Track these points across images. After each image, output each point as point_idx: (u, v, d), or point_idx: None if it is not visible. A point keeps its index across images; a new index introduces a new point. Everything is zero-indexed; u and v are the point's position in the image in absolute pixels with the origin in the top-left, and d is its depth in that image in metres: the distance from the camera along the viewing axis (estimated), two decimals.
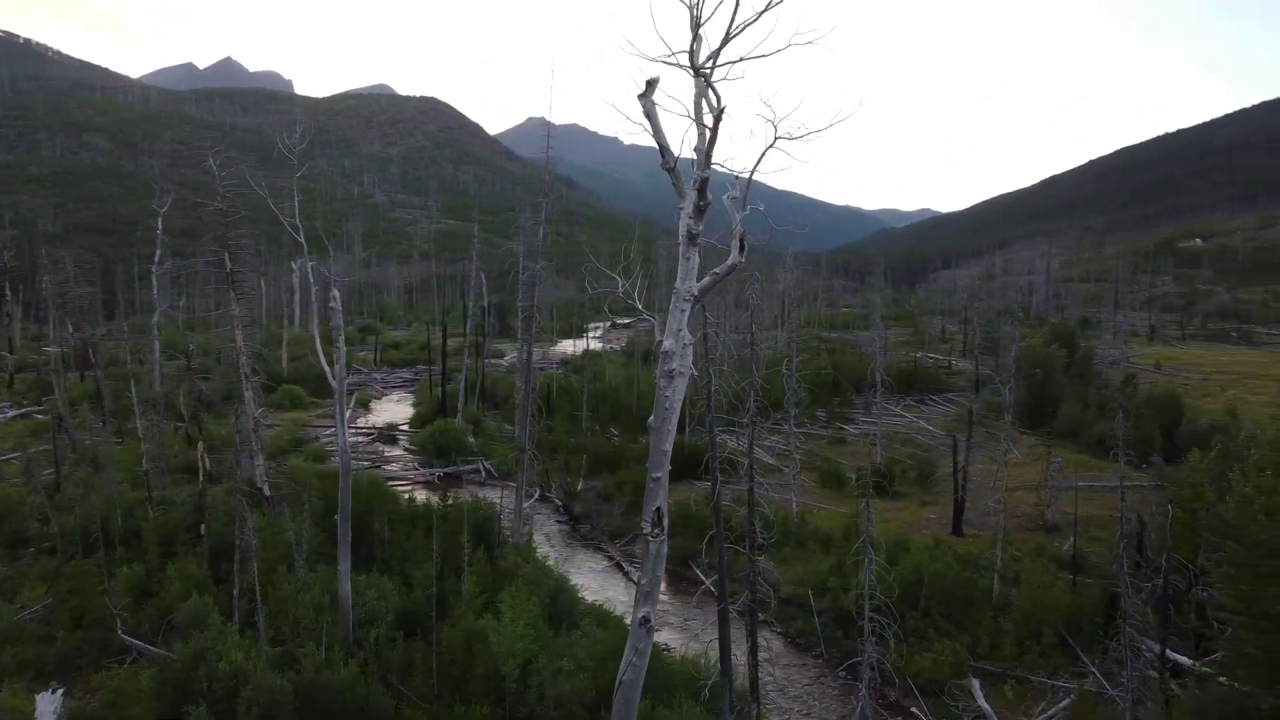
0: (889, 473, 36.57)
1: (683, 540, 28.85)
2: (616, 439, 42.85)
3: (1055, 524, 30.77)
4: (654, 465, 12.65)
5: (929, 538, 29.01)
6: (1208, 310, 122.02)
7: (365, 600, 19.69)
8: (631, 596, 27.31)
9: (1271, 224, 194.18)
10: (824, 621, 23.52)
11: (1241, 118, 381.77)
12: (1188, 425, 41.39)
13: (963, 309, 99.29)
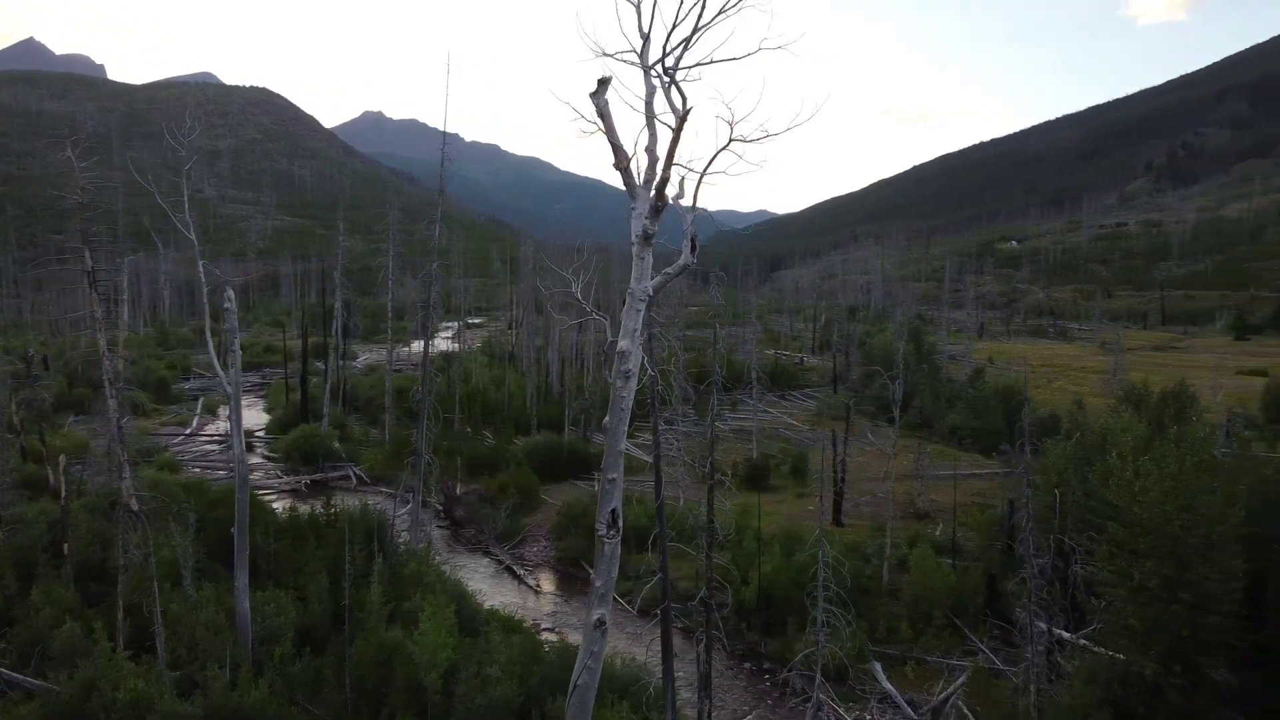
0: (765, 467, 37.52)
1: (576, 540, 28.82)
2: (491, 441, 42.21)
3: (926, 511, 32.37)
4: (609, 465, 12.54)
5: (813, 528, 29.93)
6: (1026, 308, 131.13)
7: (264, 617, 18.69)
8: (525, 600, 27.12)
9: (1076, 228, 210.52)
10: (723, 615, 23.92)
11: (1045, 130, 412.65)
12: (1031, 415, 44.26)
13: (811, 307, 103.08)
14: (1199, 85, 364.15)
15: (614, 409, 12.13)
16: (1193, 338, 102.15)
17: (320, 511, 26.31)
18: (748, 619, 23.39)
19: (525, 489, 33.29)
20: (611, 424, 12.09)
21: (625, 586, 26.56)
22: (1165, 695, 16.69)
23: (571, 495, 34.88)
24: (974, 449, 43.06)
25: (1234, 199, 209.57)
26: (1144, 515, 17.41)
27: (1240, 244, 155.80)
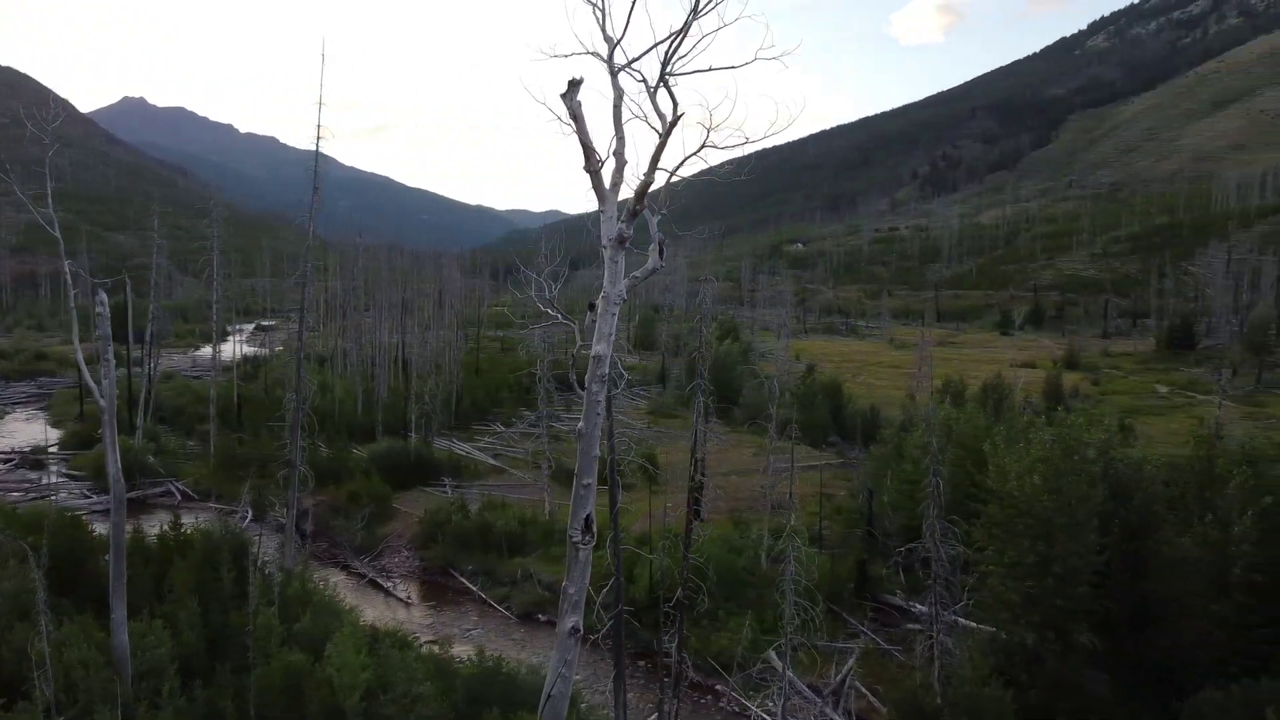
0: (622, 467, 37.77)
1: (443, 548, 28.13)
2: (325, 450, 40.19)
3: (779, 503, 33.64)
4: (584, 471, 12.43)
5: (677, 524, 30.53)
6: (818, 307, 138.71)
7: (143, 649, 17.07)
8: (396, 613, 26.15)
9: (855, 231, 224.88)
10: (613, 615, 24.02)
11: (822, 138, 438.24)
12: (850, 408, 47.08)
13: (628, 307, 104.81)
14: (954, 102, 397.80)
15: (589, 414, 12.03)
16: (964, 334, 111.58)
17: (169, 532, 24.23)
18: (638, 617, 23.57)
19: (379, 498, 32.03)
20: (587, 429, 11.98)
21: (501, 592, 26.23)
22: (1044, 661, 18.33)
23: (425, 503, 33.89)
24: (803, 442, 45.10)
25: (989, 206, 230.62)
26: (1020, 497, 19.03)
27: (998, 248, 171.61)
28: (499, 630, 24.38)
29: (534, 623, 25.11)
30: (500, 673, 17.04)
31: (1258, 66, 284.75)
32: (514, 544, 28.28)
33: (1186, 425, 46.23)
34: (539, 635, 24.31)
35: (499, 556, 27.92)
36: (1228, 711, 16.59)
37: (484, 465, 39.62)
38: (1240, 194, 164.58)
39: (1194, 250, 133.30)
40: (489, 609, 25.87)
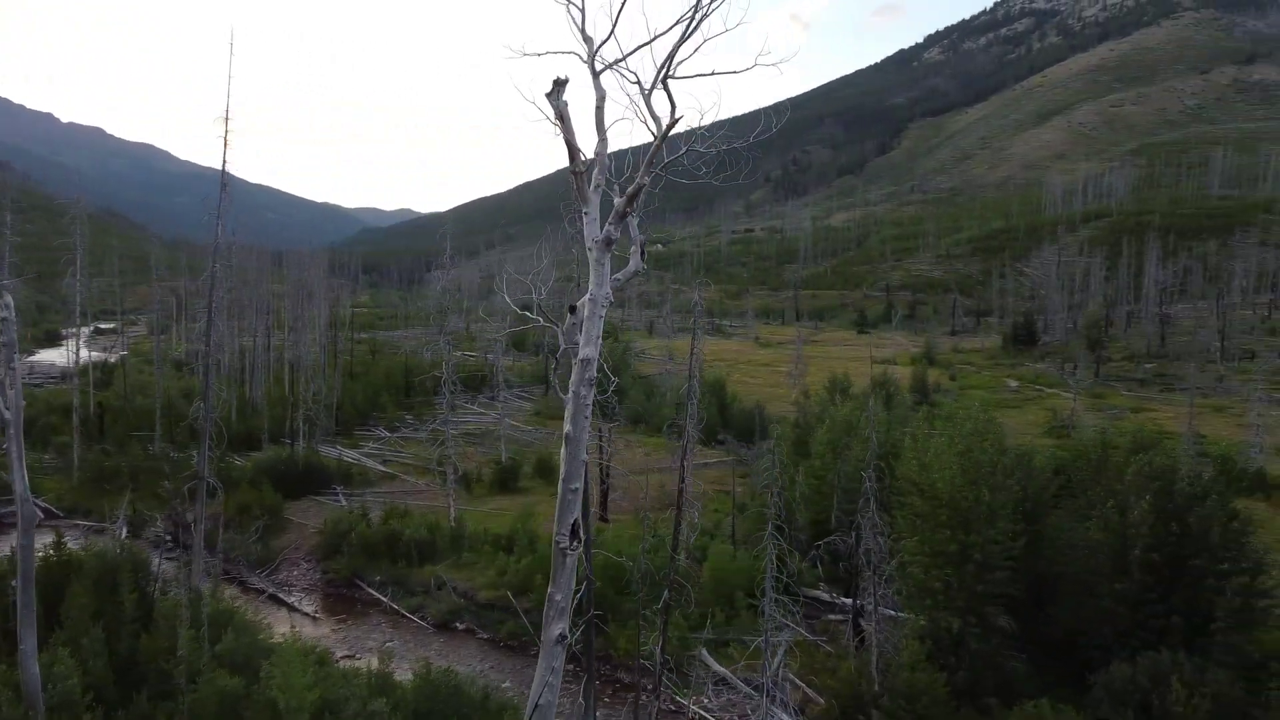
0: (515, 469, 37.39)
1: (349, 559, 27.18)
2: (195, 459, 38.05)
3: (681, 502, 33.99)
4: (571, 475, 12.30)
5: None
6: (682, 307, 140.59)
7: (53, 680, 15.77)
8: (302, 629, 25.07)
9: (714, 233, 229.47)
10: (534, 620, 23.76)
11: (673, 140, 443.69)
12: (735, 406, 48.03)
13: (483, 307, 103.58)
14: (803, 108, 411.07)
15: (577, 417, 11.90)
16: (824, 332, 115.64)
17: (51, 554, 22.41)
18: None
19: (271, 510, 30.57)
20: (575, 432, 11.85)
21: (416, 601, 25.56)
22: (967, 644, 19.25)
23: (318, 513, 32.61)
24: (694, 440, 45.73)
25: (839, 209, 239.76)
26: (941, 489, 19.92)
27: (850, 250, 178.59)
28: (416, 641, 23.70)
29: (452, 632, 24.53)
30: (450, 685, 16.55)
31: (1075, 82, 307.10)
32: (424, 552, 27.56)
33: (1043, 417, 49.56)
34: (459, 644, 23.80)
35: (409, 565, 27.15)
36: (1135, 682, 17.83)
37: (374, 472, 38.40)
38: (1065, 200, 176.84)
39: (1028, 252, 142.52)
40: (402, 620, 25.11)
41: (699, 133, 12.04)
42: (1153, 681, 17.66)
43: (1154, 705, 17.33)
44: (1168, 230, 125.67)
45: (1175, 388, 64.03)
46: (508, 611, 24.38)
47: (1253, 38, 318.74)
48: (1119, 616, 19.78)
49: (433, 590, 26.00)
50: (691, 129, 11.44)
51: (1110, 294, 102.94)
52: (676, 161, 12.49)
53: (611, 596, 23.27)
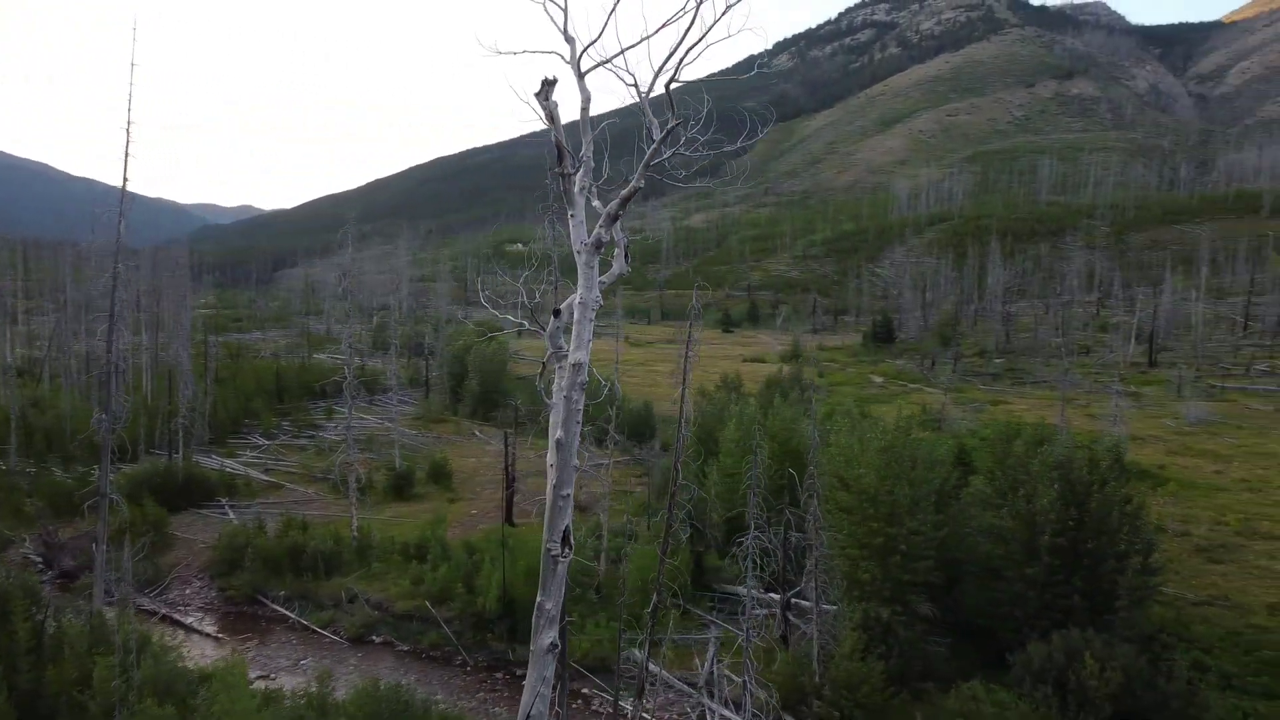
0: (409, 475, 36.38)
1: (250, 574, 25.90)
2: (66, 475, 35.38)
3: (584, 504, 33.91)
4: (564, 482, 12.17)
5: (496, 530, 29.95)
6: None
7: None
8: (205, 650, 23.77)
9: None
10: (456, 630, 23.25)
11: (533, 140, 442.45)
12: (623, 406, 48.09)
13: (340, 308, 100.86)
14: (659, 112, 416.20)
15: (568, 423, 11.79)
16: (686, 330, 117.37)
17: None
18: (490, 628, 22.92)
19: (156, 525, 28.67)
20: (566, 439, 11.73)
21: (326, 616, 24.60)
22: (896, 632, 20.00)
23: (204, 527, 30.89)
24: (586, 440, 45.66)
25: (697, 210, 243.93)
26: (868, 484, 20.63)
27: (710, 250, 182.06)
28: (333, 658, 22.74)
29: (368, 645, 23.67)
30: (397, 701, 15.98)
31: (914, 92, 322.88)
32: (330, 564, 26.47)
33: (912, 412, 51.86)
34: (377, 658, 22.99)
35: (315, 579, 26.02)
36: (1051, 660, 18.93)
37: (259, 482, 36.58)
38: (910, 204, 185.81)
39: (879, 253, 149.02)
40: (313, 636, 24.05)
41: (689, 134, 12.12)
42: (1067, 658, 18.78)
43: (1070, 681, 18.43)
44: (1005, 233, 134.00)
45: (1025, 381, 68.32)
46: (427, 622, 23.74)
47: (1071, 55, 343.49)
48: (1029, 599, 20.98)
49: (344, 603, 25.02)
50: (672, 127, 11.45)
51: (959, 294, 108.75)
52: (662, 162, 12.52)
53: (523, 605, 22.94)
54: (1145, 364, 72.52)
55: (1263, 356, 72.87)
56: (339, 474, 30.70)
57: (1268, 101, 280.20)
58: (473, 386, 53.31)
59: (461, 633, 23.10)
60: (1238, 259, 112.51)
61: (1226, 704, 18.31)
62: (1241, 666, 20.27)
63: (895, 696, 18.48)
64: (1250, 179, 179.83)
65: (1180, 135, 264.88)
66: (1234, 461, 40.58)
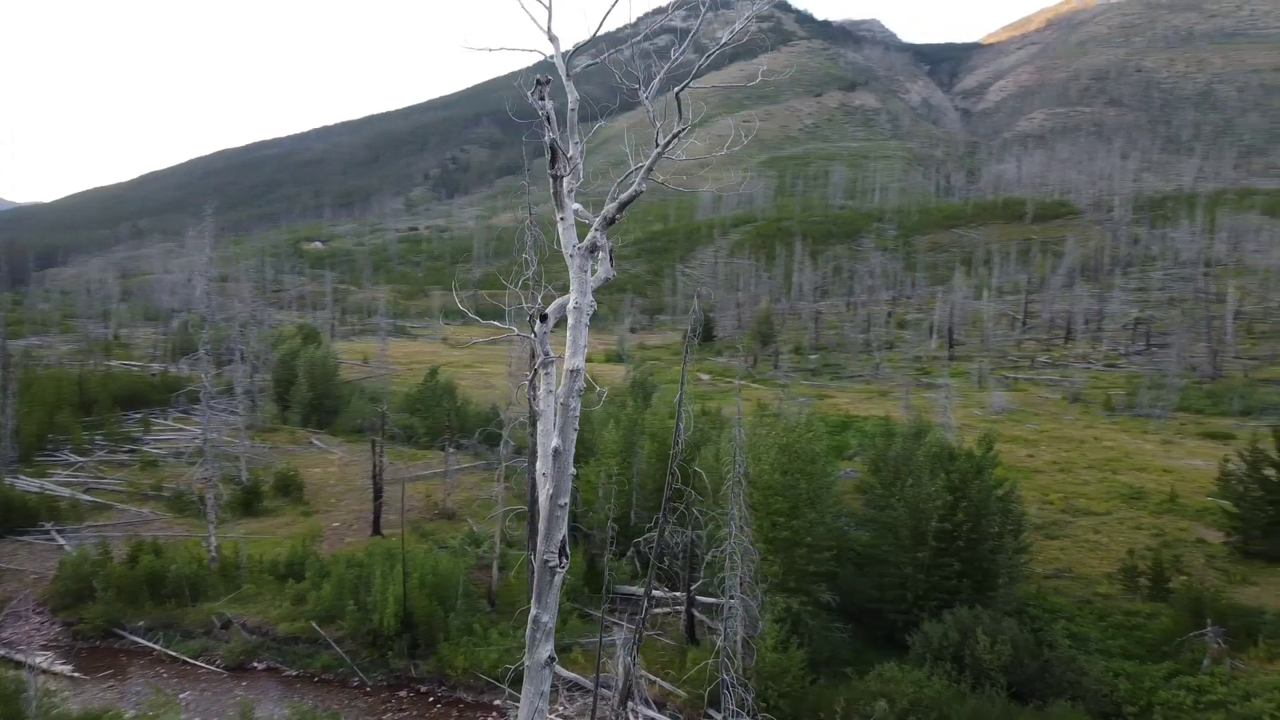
0: (256, 489, 34.17)
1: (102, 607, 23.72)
2: None
3: (451, 510, 33.05)
4: (561, 491, 11.97)
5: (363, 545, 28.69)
6: (351, 308, 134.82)
7: None
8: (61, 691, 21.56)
9: (375, 230, 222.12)
10: (350, 650, 22.16)
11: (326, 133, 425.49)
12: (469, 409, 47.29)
13: (181, 314, 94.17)
14: (458, 107, 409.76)
15: (566, 429, 11.59)
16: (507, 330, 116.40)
17: None
18: (390, 645, 21.91)
19: None
20: (564, 447, 11.53)
21: (197, 645, 22.86)
22: (805, 621, 20.78)
23: (29, 556, 27.88)
24: (430, 446, 44.43)
25: (502, 209, 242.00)
26: (773, 480, 21.31)
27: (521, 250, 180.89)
28: (215, 690, 21.09)
29: (251, 673, 22.11)
30: None
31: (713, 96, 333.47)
32: (193, 589, 24.48)
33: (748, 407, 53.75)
34: (265, 685, 21.55)
35: (179, 606, 24.00)
36: (947, 637, 20.28)
37: (84, 504, 33.24)
38: (714, 206, 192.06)
39: (689, 253, 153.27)
40: (186, 668, 22.18)
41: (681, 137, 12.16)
42: (961, 635, 20.18)
43: (965, 655, 19.81)
44: (805, 236, 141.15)
45: (841, 376, 72.28)
46: (316, 644, 22.47)
47: (854, 68, 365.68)
48: (917, 582, 22.33)
49: (216, 630, 23.24)
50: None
51: (772, 293, 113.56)
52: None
53: (438, 612, 22.21)
54: (945, 358, 78.34)
55: (1042, 350, 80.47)
56: (196, 491, 28.39)
57: (1021, 117, 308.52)
58: (303, 392, 50.62)
59: (356, 652, 22.01)
60: (1010, 260, 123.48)
61: (1097, 667, 20.17)
62: (1100, 632, 22.43)
63: (814, 683, 19.21)
64: (1013, 187, 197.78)
65: (950, 146, 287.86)
66: (1041, 445, 44.59)
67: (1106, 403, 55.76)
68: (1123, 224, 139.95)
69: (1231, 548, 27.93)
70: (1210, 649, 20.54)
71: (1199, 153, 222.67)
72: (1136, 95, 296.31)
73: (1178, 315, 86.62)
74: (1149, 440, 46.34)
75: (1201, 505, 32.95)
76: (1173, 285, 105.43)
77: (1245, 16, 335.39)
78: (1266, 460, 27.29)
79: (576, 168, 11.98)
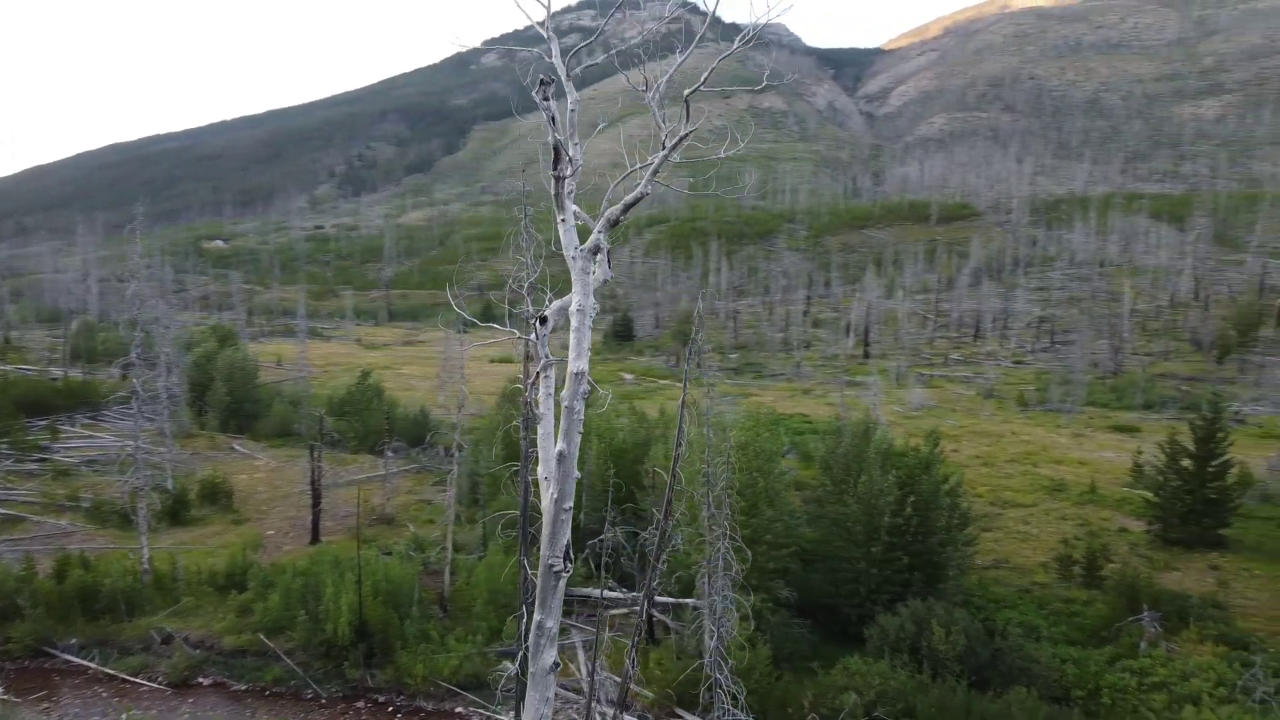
0: (184, 499, 32.91)
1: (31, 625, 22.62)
2: None
3: (390, 515, 32.42)
4: (565, 494, 11.89)
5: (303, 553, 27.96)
6: (261, 309, 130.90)
7: None
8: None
9: (279, 229, 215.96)
10: (302, 661, 21.55)
11: (225, 128, 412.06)
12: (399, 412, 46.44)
13: (75, 316, 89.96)
14: (364, 102, 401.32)
15: (571, 433, 11.53)
16: (423, 332, 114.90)
17: None
18: (345, 655, 21.33)
19: None
20: (569, 450, 11.48)
21: (137, 662, 21.95)
22: (766, 617, 21.05)
23: None
24: (363, 450, 43.51)
25: (412, 208, 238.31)
26: (734, 478, 21.49)
27: (432, 249, 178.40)
28: (161, 708, 20.23)
29: (196, 689, 21.29)
30: None
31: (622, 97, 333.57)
32: (129, 604, 23.44)
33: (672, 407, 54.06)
34: (213, 702, 20.78)
35: (114, 621, 22.95)
36: (904, 629, 20.81)
37: None
38: None
39: None
40: (127, 686, 21.21)
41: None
42: (917, 627, 20.73)
43: (922, 647, 20.36)
44: (720, 236, 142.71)
45: (763, 374, 73.31)
46: (265, 656, 21.77)
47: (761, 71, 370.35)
48: (871, 576, 22.83)
49: (156, 646, 22.30)
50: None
51: (692, 292, 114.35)
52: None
53: (394, 620, 21.75)
54: (861, 356, 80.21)
55: (954, 348, 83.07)
56: (128, 500, 27.15)
57: (922, 122, 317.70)
58: (221, 396, 48.93)
59: (309, 664, 21.41)
60: (918, 260, 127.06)
61: (1045, 653, 20.95)
62: (1042, 619, 23.28)
63: (779, 679, 19.47)
64: (916, 190, 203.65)
65: (855, 149, 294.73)
66: (962, 440, 46.03)
67: (1019, 398, 57.95)
68: (1020, 226, 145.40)
69: (1153, 535, 29.35)
70: (1147, 633, 21.53)
71: (1088, 158, 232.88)
72: (1029, 102, 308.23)
73: (1077, 314, 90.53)
74: (1062, 434, 48.33)
75: (1120, 495, 34.54)
76: (1070, 285, 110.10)
77: (1128, 29, 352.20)
78: (1184, 452, 28.74)
79: (577, 169, 11.86)
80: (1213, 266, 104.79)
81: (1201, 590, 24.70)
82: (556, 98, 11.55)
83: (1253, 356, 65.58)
